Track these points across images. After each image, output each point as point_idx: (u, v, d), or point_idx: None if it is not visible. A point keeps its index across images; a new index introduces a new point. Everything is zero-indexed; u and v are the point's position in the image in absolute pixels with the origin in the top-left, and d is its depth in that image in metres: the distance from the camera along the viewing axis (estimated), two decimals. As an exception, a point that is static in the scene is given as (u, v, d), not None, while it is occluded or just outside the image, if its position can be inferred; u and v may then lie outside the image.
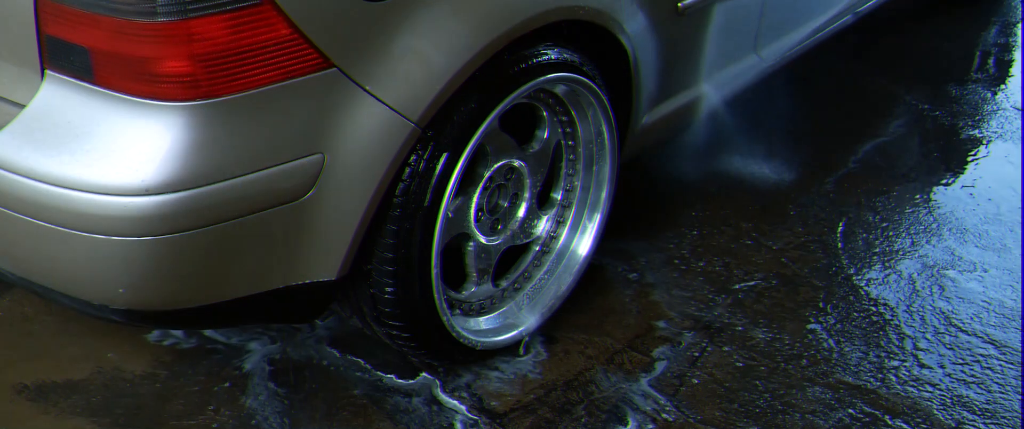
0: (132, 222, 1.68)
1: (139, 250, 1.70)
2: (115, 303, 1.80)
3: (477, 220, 2.19)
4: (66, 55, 1.68)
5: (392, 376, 2.26)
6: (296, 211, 1.81)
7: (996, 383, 2.34)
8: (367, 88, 1.80)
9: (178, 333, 2.33)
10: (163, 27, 1.61)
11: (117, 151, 1.67)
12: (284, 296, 1.92)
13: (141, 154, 1.66)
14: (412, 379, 2.26)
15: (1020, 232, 2.89)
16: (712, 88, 2.75)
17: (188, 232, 1.70)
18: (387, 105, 1.82)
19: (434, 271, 2.04)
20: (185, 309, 1.84)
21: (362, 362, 2.30)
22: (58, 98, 1.70)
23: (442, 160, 1.95)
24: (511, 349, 2.34)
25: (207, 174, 1.68)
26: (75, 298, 1.83)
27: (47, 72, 1.71)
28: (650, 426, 2.17)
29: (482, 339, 2.25)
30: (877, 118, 3.48)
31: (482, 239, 2.23)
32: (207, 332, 2.33)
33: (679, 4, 2.43)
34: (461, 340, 2.19)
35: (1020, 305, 2.60)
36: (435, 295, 2.07)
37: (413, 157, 1.92)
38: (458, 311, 2.25)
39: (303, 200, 1.80)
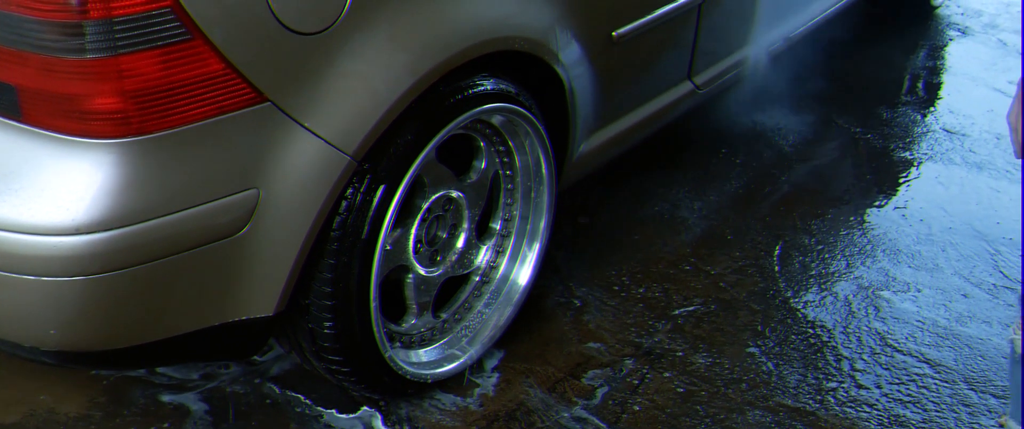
0: (63, 262, 1.65)
1: (70, 290, 1.67)
2: (46, 345, 1.76)
3: (416, 252, 2.19)
4: (-7, 93, 1.65)
5: (333, 411, 2.24)
6: (231, 247, 1.79)
7: (932, 402, 2.38)
8: (302, 122, 1.79)
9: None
10: (92, 64, 1.59)
11: (47, 190, 1.65)
12: (220, 333, 1.89)
13: (71, 193, 1.64)
14: (353, 413, 2.24)
15: (953, 252, 2.95)
16: (649, 114, 2.78)
17: (120, 271, 1.68)
18: (322, 138, 1.82)
19: (373, 304, 2.03)
20: (118, 350, 1.81)
21: (302, 398, 2.27)
22: (-15, 137, 1.67)
23: (379, 192, 1.95)
24: (453, 380, 2.33)
25: (139, 212, 1.66)
26: (4, 340, 1.79)
27: (-27, 111, 1.68)
28: (593, 454, 2.17)
29: (423, 371, 2.24)
30: (810, 142, 3.53)
31: (421, 271, 2.22)
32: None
33: (613, 33, 2.45)
34: (401, 373, 2.17)
35: (955, 323, 2.65)
36: (374, 328, 2.06)
37: (350, 190, 1.91)
38: (398, 343, 2.24)
39: (238, 236, 1.79)
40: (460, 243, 2.30)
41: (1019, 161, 1.60)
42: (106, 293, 1.71)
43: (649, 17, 2.56)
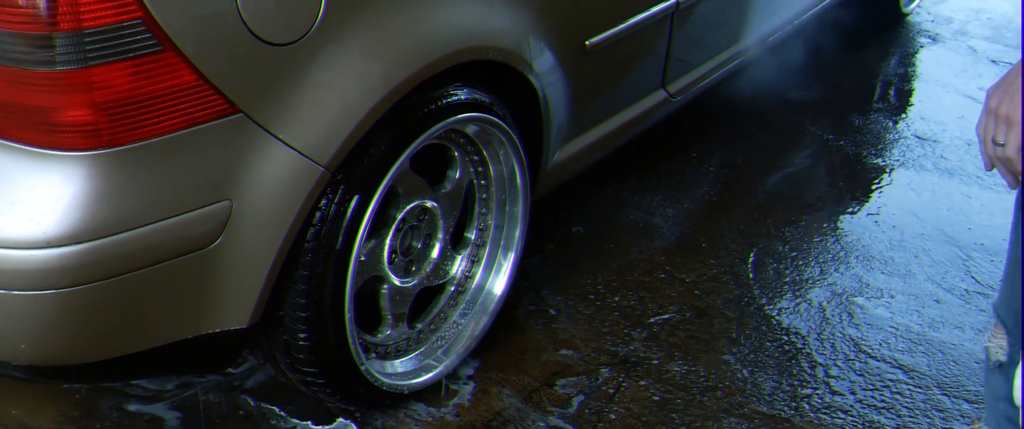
0: (34, 275, 1.64)
1: (41, 304, 1.66)
2: (17, 359, 1.75)
3: (391, 262, 2.18)
4: (-39, 106, 1.64)
5: (308, 423, 2.23)
6: (204, 259, 1.78)
7: (906, 408, 2.39)
8: (275, 133, 1.79)
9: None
10: (62, 76, 1.57)
11: (17, 203, 1.63)
12: (194, 346, 1.88)
13: (42, 206, 1.62)
14: (329, 425, 2.23)
15: (926, 258, 2.96)
16: (623, 123, 2.78)
17: (92, 284, 1.66)
18: (296, 149, 1.81)
19: (348, 315, 2.02)
20: (90, 363, 1.79)
21: (277, 409, 2.26)
22: (-46, 150, 1.66)
23: (353, 203, 1.94)
24: (429, 391, 2.32)
25: (111, 225, 1.65)
26: (-26, 355, 1.78)
27: (-58, 124, 1.66)
28: (569, 463, 2.17)
29: (399, 382, 2.24)
30: (784, 149, 3.55)
31: (396, 281, 2.21)
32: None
33: (586, 43, 2.46)
34: (378, 384, 2.17)
35: (928, 329, 2.66)
36: (350, 340, 2.05)
37: (324, 201, 1.91)
38: (374, 354, 2.23)
39: (211, 248, 1.78)
40: (435, 253, 2.30)
41: (978, 144, 1.61)
42: (77, 307, 1.69)
43: (622, 26, 2.57)
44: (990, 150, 1.46)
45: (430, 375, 2.30)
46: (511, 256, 2.43)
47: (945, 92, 4.08)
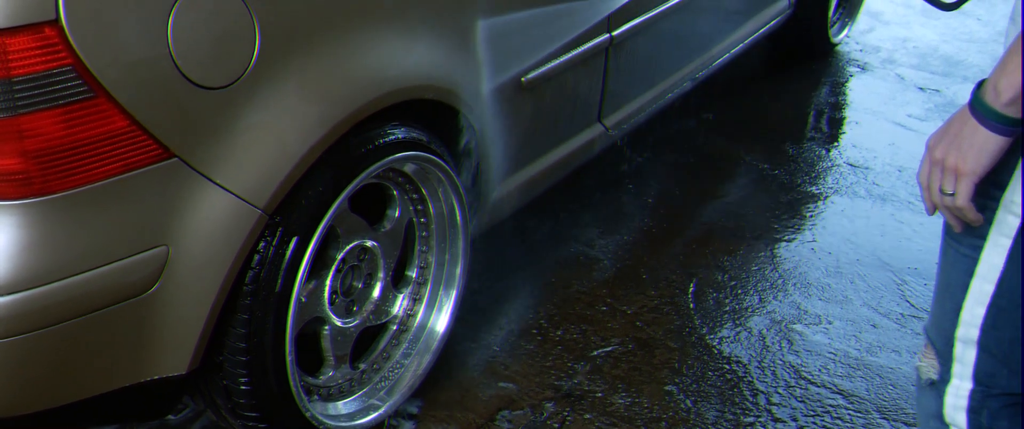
0: (-36, 327, 1.60)
1: (-27, 357, 1.63)
2: (-52, 413, 1.71)
3: (331, 303, 2.17)
4: None
5: (251, 468, 2.20)
6: (140, 306, 1.75)
7: (846, 432, 2.43)
8: (210, 176, 1.77)
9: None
10: (-9, 124, 1.55)
11: (-54, 254, 1.60)
12: (132, 394, 1.85)
13: (-28, 256, 1.59)
14: (272, 470, 2.20)
15: (861, 283, 3.01)
16: (561, 157, 2.80)
17: (24, 335, 1.63)
18: (232, 192, 1.80)
19: (289, 358, 2.01)
20: (23, 415, 1.75)
21: (219, 456, 2.23)
22: None
23: (292, 245, 1.93)
24: (373, 431, 2.31)
25: (44, 274, 1.62)
26: (-96, 410, 1.73)
27: None
28: (516, 500, 2.17)
29: (343, 424, 2.22)
30: (720, 179, 3.60)
31: (338, 322, 2.20)
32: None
33: (522, 79, 2.48)
34: (321, 427, 2.14)
35: (866, 353, 2.70)
36: (291, 383, 2.03)
37: (262, 244, 1.90)
38: (316, 396, 2.22)
39: (147, 295, 1.75)
40: (376, 292, 2.29)
41: (919, 190, 1.64)
42: (10, 358, 1.66)
43: (558, 62, 2.60)
44: (936, 199, 1.47)
45: (374, 416, 2.29)
46: (453, 293, 2.43)
47: (875, 120, 4.16)
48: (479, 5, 2.31)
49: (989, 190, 1.48)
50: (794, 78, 4.52)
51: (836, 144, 3.96)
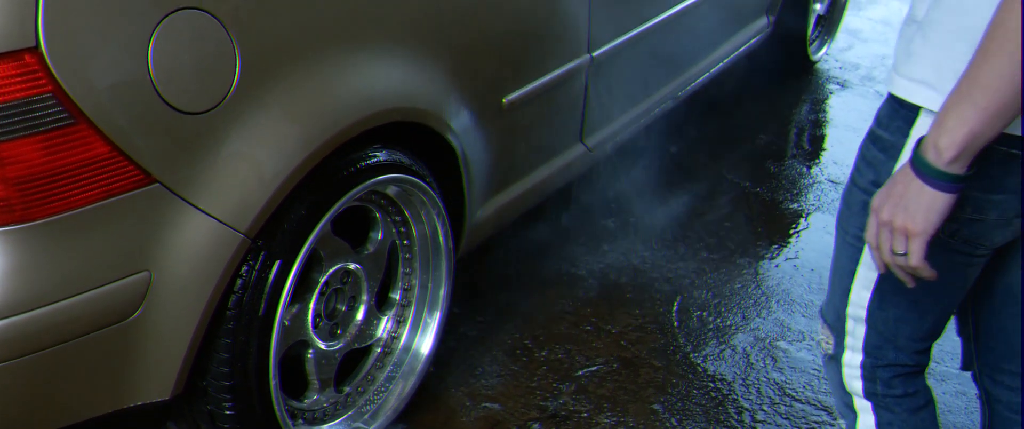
0: (-55, 356, 1.60)
1: (-46, 385, 1.62)
2: (-71, 443, 1.70)
3: (315, 326, 2.17)
4: None
5: (235, 493, 2.19)
6: (123, 332, 1.75)
7: (831, 448, 2.43)
8: (192, 201, 1.77)
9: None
10: (-28, 152, 1.55)
11: (-74, 282, 1.60)
12: (115, 420, 1.84)
13: (-47, 284, 1.59)
14: (257, 495, 2.19)
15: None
16: (544, 178, 2.81)
17: (5, 363, 1.63)
18: (214, 217, 1.80)
19: (273, 382, 2.00)
20: (6, 444, 1.75)
21: (203, 481, 2.22)
22: None
23: (275, 269, 1.93)
24: (358, 455, 2.30)
25: (25, 301, 1.62)
26: None
27: None
28: (502, 522, 2.16)
29: (327, 447, 2.21)
30: (702, 197, 3.61)
31: (321, 345, 2.20)
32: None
33: (504, 100, 2.49)
34: (305, 450, 2.14)
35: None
36: (276, 407, 2.03)
37: (244, 268, 1.89)
38: (301, 420, 2.21)
39: (130, 321, 1.75)
40: (360, 315, 2.29)
41: (868, 251, 1.69)
42: (-8, 386, 1.65)
43: (539, 82, 2.61)
44: (887, 259, 1.46)
45: (359, 439, 2.28)
46: (437, 315, 2.43)
47: (856, 137, 4.18)
48: (459, 28, 2.32)
49: (869, 187, 1.54)
50: (774, 96, 4.55)
51: (817, 161, 3.98)
